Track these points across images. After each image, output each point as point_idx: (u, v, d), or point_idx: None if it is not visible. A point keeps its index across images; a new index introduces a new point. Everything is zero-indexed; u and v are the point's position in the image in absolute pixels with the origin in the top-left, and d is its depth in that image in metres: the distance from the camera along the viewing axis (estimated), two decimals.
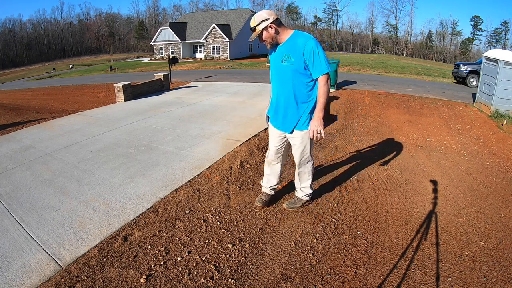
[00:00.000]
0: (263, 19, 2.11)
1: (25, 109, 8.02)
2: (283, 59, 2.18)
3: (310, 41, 2.09)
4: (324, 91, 2.15)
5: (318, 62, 2.09)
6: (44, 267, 1.99)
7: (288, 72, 2.18)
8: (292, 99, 2.25)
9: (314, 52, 2.07)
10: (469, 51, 65.77)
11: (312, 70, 2.13)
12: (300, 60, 2.11)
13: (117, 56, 51.76)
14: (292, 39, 2.15)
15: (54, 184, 3.14)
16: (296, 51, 2.11)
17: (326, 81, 2.12)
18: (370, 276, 1.96)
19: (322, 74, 2.10)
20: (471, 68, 12.14)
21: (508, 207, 2.89)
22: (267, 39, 2.17)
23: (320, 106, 2.17)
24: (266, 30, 2.13)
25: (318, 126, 2.18)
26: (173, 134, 4.72)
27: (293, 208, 2.65)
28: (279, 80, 2.28)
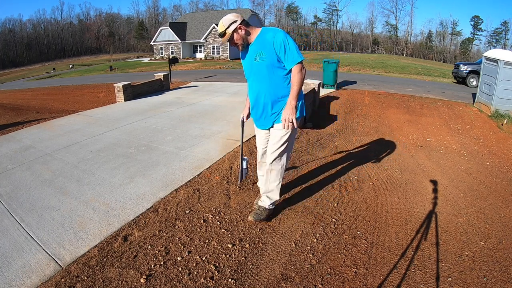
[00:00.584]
0: (231, 22, 2.12)
1: (25, 109, 8.02)
2: (256, 57, 2.18)
3: (278, 33, 2.10)
4: (298, 80, 2.10)
5: (290, 53, 2.08)
6: (44, 267, 1.99)
7: (263, 69, 2.18)
8: (272, 95, 2.23)
9: (285, 43, 2.07)
10: (469, 51, 65.75)
11: (285, 61, 2.12)
12: (272, 54, 2.11)
13: (117, 56, 51.76)
14: (261, 36, 2.17)
15: (54, 184, 3.14)
16: (266, 46, 2.12)
17: (300, 69, 2.10)
18: (370, 276, 1.96)
19: (295, 63, 2.09)
20: (471, 68, 12.14)
21: (508, 207, 2.89)
22: (238, 41, 2.17)
23: (294, 94, 2.11)
24: (236, 32, 2.14)
25: (290, 115, 2.10)
26: (173, 134, 4.72)
27: (260, 220, 2.45)
28: (256, 78, 2.27)
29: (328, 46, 63.31)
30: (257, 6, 76.49)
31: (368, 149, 4.41)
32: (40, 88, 16.95)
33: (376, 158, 4.03)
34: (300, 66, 2.10)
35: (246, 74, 2.38)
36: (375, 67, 18.59)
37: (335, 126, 5.47)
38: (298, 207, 2.74)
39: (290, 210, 2.68)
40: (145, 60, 39.05)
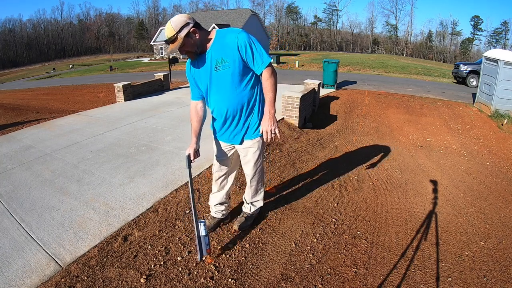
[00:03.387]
0: (183, 24, 1.72)
1: (25, 109, 8.02)
2: (216, 65, 1.83)
3: (241, 34, 1.77)
4: (272, 84, 1.82)
5: (258, 55, 1.79)
6: (44, 267, 1.99)
7: (227, 78, 1.85)
8: (240, 107, 1.93)
9: (251, 44, 1.77)
10: (469, 51, 65.74)
11: (253, 65, 1.82)
12: (236, 59, 1.80)
13: (117, 56, 51.75)
14: (218, 40, 1.82)
15: (54, 184, 3.14)
16: (228, 51, 1.79)
17: (271, 72, 1.82)
18: (370, 276, 1.96)
19: (265, 66, 1.80)
20: (471, 68, 12.14)
21: (508, 207, 2.89)
22: (191, 48, 1.79)
23: (271, 101, 1.83)
24: (189, 36, 1.75)
25: (271, 126, 1.82)
26: (173, 134, 4.72)
27: (245, 227, 2.39)
28: (218, 91, 1.91)
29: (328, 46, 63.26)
30: (257, 6, 76.48)
31: (368, 149, 4.41)
32: (40, 88, 16.95)
33: (376, 158, 4.03)
34: (271, 68, 1.83)
35: (202, 89, 1.99)
36: (375, 67, 18.60)
37: (335, 126, 5.47)
38: (298, 207, 2.74)
39: (290, 210, 2.68)
40: (145, 60, 39.04)
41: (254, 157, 2.10)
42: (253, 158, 2.10)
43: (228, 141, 2.11)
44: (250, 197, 2.35)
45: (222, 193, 2.34)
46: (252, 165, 2.13)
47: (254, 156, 2.09)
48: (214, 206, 2.40)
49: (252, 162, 2.12)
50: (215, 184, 2.33)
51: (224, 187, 2.32)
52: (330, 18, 77.25)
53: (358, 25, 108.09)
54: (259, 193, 2.34)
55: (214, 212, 2.42)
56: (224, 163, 2.23)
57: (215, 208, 2.40)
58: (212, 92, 1.95)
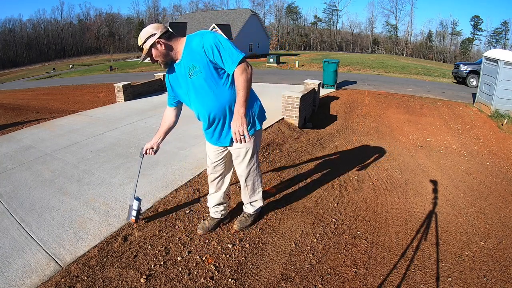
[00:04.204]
0: (149, 35, 1.76)
1: (25, 109, 8.02)
2: (190, 72, 1.82)
3: (205, 36, 1.74)
4: (243, 81, 1.72)
5: (226, 53, 1.72)
6: (44, 267, 1.99)
7: (202, 83, 1.82)
8: (222, 109, 1.90)
9: (216, 44, 1.71)
10: (469, 51, 65.75)
11: (224, 66, 1.75)
12: (205, 63, 1.76)
13: (117, 56, 51.75)
14: (187, 46, 1.80)
15: (54, 184, 3.14)
16: (196, 56, 1.76)
17: (243, 69, 1.72)
18: (370, 276, 1.96)
19: (236, 63, 1.71)
20: (471, 68, 12.14)
21: (508, 207, 2.89)
22: (158, 58, 1.81)
23: (240, 101, 1.73)
24: (155, 47, 1.78)
25: (239, 127, 1.73)
26: (173, 134, 4.70)
27: (246, 227, 2.39)
28: (198, 97, 1.90)
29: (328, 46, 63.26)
30: (257, 6, 76.49)
31: (368, 149, 4.41)
32: (40, 88, 16.95)
33: (376, 158, 4.03)
34: (244, 65, 1.73)
35: (181, 97, 2.01)
36: (375, 67, 18.60)
37: (335, 126, 5.47)
38: (298, 207, 2.74)
39: (290, 210, 2.68)
40: (145, 60, 38.97)
41: (246, 157, 2.06)
42: (245, 158, 2.07)
43: (218, 143, 2.09)
44: (247, 197, 2.34)
45: (220, 193, 2.33)
46: (244, 165, 2.10)
47: (247, 156, 2.06)
48: (212, 207, 2.39)
49: (245, 163, 2.09)
50: (211, 186, 2.33)
51: (221, 187, 2.31)
52: (330, 18, 77.31)
53: (358, 25, 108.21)
54: (257, 193, 2.31)
55: (213, 213, 2.42)
56: (218, 165, 2.22)
57: (213, 209, 2.39)
58: (192, 98, 1.94)
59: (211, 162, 2.22)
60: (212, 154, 2.18)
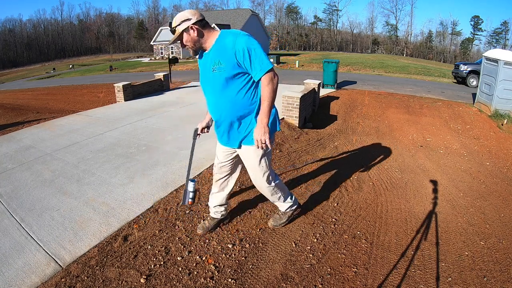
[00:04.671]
0: (184, 19, 1.76)
1: (25, 109, 8.02)
2: (213, 67, 1.81)
3: (240, 38, 1.73)
4: (269, 91, 1.75)
5: (256, 60, 1.72)
6: (44, 267, 1.99)
7: (222, 82, 1.82)
8: (236, 112, 1.89)
9: (249, 49, 1.71)
10: (469, 51, 65.74)
11: (251, 71, 1.76)
12: (232, 64, 1.75)
13: (117, 56, 51.74)
14: (219, 41, 1.80)
15: (54, 184, 3.14)
16: (225, 53, 1.75)
17: (270, 79, 1.75)
18: (370, 276, 1.96)
19: (264, 72, 1.74)
20: (471, 68, 12.14)
21: (508, 207, 2.89)
22: (188, 43, 1.81)
23: (265, 110, 1.78)
24: (187, 32, 1.78)
25: (262, 135, 1.78)
26: (173, 134, 4.72)
27: (280, 225, 2.41)
28: (214, 92, 1.90)
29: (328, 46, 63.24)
30: (257, 6, 76.43)
31: (368, 149, 4.41)
32: (40, 88, 16.95)
33: (376, 158, 4.03)
34: (271, 75, 1.75)
35: (202, 84, 2.01)
36: (375, 67, 18.60)
37: (335, 126, 5.47)
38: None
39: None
40: (145, 60, 39.02)
41: (255, 162, 2.02)
42: (254, 163, 2.02)
43: (227, 144, 2.06)
44: (270, 199, 2.30)
45: (222, 194, 2.30)
46: (253, 169, 2.06)
47: (255, 160, 2.01)
48: (213, 207, 2.38)
49: (254, 169, 2.05)
50: (215, 185, 2.30)
51: (224, 189, 2.28)
52: (330, 18, 77.29)
53: (358, 25, 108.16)
54: (276, 200, 2.27)
55: (213, 213, 2.41)
56: (224, 166, 2.19)
57: (214, 209, 2.38)
58: (209, 92, 1.95)
59: (219, 162, 2.20)
60: (220, 154, 2.17)
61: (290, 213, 2.41)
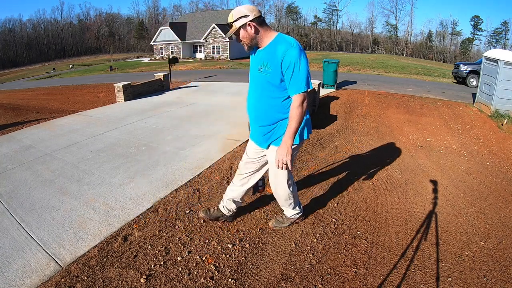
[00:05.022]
0: (242, 15, 1.78)
1: (25, 109, 8.02)
2: (260, 67, 1.87)
3: (291, 50, 1.73)
4: (297, 114, 1.76)
5: (296, 78, 1.75)
6: (44, 267, 1.99)
7: (264, 83, 1.88)
8: (268, 115, 1.94)
9: (295, 64, 1.73)
10: (469, 51, 65.72)
11: (288, 86, 1.80)
12: (277, 71, 1.79)
13: (117, 56, 51.74)
14: (273, 45, 1.82)
15: (54, 184, 3.14)
16: (274, 60, 1.78)
17: (301, 102, 1.76)
18: (370, 276, 1.96)
19: (297, 93, 1.76)
20: (471, 68, 12.14)
21: (508, 207, 2.89)
22: (244, 39, 1.84)
23: (290, 132, 1.79)
24: (244, 28, 1.80)
25: (284, 156, 1.81)
26: (173, 134, 4.72)
27: (280, 227, 2.40)
28: (255, 91, 1.97)
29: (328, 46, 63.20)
30: (257, 6, 76.39)
31: (368, 149, 4.41)
32: (40, 88, 16.95)
33: (376, 158, 4.03)
34: (302, 97, 1.76)
35: (249, 78, 2.07)
36: (375, 67, 18.60)
37: (335, 126, 5.47)
38: None
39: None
40: (145, 60, 39.03)
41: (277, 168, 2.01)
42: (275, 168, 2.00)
43: (257, 143, 2.10)
44: (280, 203, 2.34)
45: (241, 189, 2.29)
46: (276, 173, 2.07)
47: None
48: (227, 200, 2.35)
49: (274, 169, 2.04)
50: (237, 178, 2.29)
51: (244, 185, 2.27)
52: (330, 18, 77.27)
53: (358, 25, 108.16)
54: (286, 205, 2.29)
55: (222, 206, 2.39)
56: (251, 163, 2.21)
57: (226, 202, 2.35)
58: (251, 88, 2.02)
59: (247, 158, 2.22)
60: (250, 151, 2.19)
61: (293, 219, 2.43)
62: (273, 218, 2.51)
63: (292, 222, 2.44)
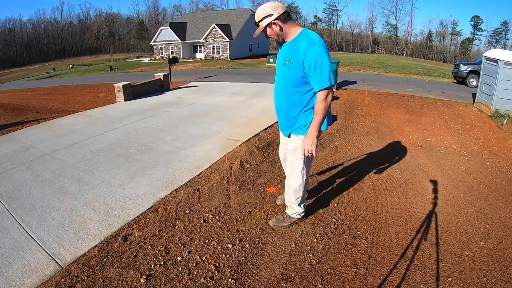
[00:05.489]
0: (266, 15, 1.90)
1: (25, 109, 8.02)
2: (284, 61, 1.99)
3: (313, 47, 1.82)
4: (321, 108, 1.89)
5: (319, 75, 1.83)
6: (44, 267, 1.99)
7: (287, 77, 2.00)
8: (290, 105, 2.07)
9: (317, 61, 1.81)
10: (469, 51, 65.71)
11: (312, 81, 1.90)
12: (299, 67, 1.89)
13: (117, 56, 51.73)
14: (296, 41, 1.92)
15: (54, 184, 3.14)
16: (296, 56, 1.89)
17: (325, 96, 1.87)
18: (370, 276, 1.96)
19: (320, 88, 1.86)
20: (471, 68, 12.13)
21: (508, 207, 2.89)
22: (272, 36, 1.99)
23: (316, 124, 1.93)
24: (270, 27, 1.93)
25: (310, 146, 1.96)
26: (173, 134, 4.72)
27: (280, 226, 2.40)
28: (279, 83, 2.11)
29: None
30: (257, 6, 76.42)
31: (368, 149, 4.41)
32: (40, 88, 16.95)
33: (376, 158, 4.03)
34: (326, 92, 1.86)
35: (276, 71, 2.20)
36: (375, 67, 18.59)
37: (335, 126, 5.47)
38: None
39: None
40: (145, 60, 39.02)
41: (294, 154, 2.15)
42: (293, 152, 2.15)
43: (282, 131, 2.30)
44: (287, 196, 2.37)
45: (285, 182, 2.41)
46: (291, 159, 2.20)
47: (295, 153, 2.14)
48: None
49: (292, 157, 2.18)
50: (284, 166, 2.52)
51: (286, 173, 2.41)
52: (330, 18, 77.31)
53: (358, 25, 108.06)
54: (293, 197, 2.30)
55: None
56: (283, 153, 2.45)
57: None
58: (276, 81, 2.16)
59: (281, 150, 2.51)
60: (281, 142, 2.47)
61: (294, 219, 2.44)
62: (274, 217, 2.52)
63: (292, 222, 2.45)
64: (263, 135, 4.61)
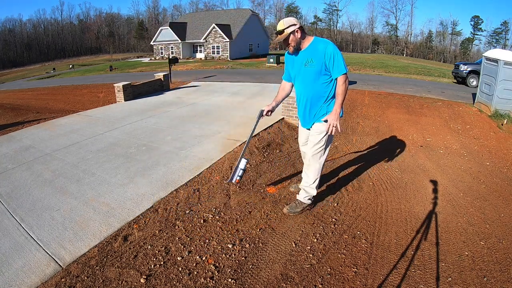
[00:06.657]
0: (291, 24, 2.31)
1: (25, 109, 8.02)
2: (306, 63, 2.39)
3: (329, 46, 2.32)
4: (343, 90, 2.33)
5: (337, 64, 2.30)
6: (44, 267, 1.99)
7: (311, 74, 2.40)
8: (314, 97, 2.45)
9: (334, 55, 2.29)
10: (469, 51, 65.68)
11: (332, 71, 2.34)
12: (321, 62, 2.33)
13: (117, 56, 51.71)
14: (313, 45, 2.37)
15: (54, 184, 3.14)
16: (317, 55, 2.33)
17: (344, 80, 2.32)
18: (370, 276, 1.96)
19: (340, 74, 2.31)
20: (471, 68, 12.12)
21: (508, 207, 2.89)
22: (292, 42, 2.36)
23: (339, 103, 2.33)
24: (294, 34, 2.33)
25: (335, 120, 2.31)
26: (173, 134, 4.72)
27: (294, 212, 2.63)
28: (302, 82, 2.48)
29: None
30: (257, 6, 76.52)
31: (368, 149, 4.41)
32: (40, 88, 16.95)
33: (376, 158, 4.03)
34: (345, 77, 2.31)
35: (292, 76, 2.60)
36: (375, 67, 18.59)
37: None
38: None
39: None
40: (145, 60, 39.01)
41: (317, 138, 2.48)
42: (315, 139, 2.49)
43: (304, 125, 2.64)
44: (306, 178, 2.62)
45: None
46: (313, 143, 2.50)
47: (317, 137, 2.47)
48: None
49: (314, 141, 2.49)
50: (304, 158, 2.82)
51: None
52: (330, 18, 77.24)
53: (358, 25, 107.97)
54: (313, 176, 2.57)
55: None
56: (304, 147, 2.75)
57: None
58: (298, 82, 2.54)
59: (301, 144, 2.82)
60: (301, 137, 2.78)
61: (305, 204, 2.66)
62: (287, 205, 2.72)
63: (304, 208, 2.65)
64: (263, 135, 4.61)
